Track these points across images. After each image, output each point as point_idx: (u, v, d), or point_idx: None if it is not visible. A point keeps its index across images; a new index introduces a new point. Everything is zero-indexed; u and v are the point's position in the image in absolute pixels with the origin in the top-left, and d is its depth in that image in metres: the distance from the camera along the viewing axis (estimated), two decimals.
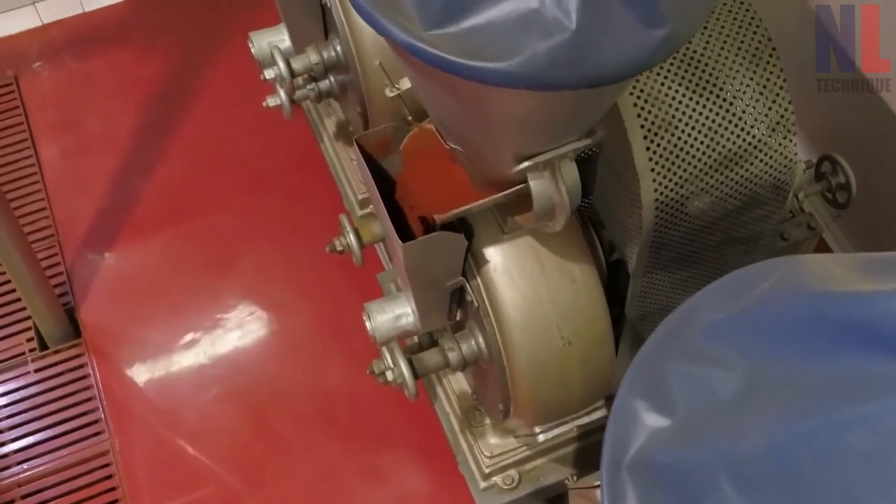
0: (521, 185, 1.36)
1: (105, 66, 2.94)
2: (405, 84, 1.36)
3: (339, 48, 1.92)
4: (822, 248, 2.22)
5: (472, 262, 1.56)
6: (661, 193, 1.44)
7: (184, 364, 2.43)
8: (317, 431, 2.31)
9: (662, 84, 1.41)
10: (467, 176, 1.45)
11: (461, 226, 1.53)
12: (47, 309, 2.39)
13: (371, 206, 2.24)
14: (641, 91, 1.40)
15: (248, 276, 2.56)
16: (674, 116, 1.42)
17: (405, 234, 1.46)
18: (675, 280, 1.64)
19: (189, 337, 2.47)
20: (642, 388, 0.86)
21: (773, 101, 1.46)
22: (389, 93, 1.35)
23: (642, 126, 1.40)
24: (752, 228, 1.58)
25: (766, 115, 1.46)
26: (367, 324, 1.71)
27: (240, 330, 2.48)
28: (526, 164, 1.28)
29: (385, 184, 1.54)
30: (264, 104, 2.13)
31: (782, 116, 1.47)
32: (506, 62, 1.01)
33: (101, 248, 2.61)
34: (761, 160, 1.48)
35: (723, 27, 1.45)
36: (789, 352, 0.79)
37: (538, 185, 1.33)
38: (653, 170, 1.42)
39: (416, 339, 2.00)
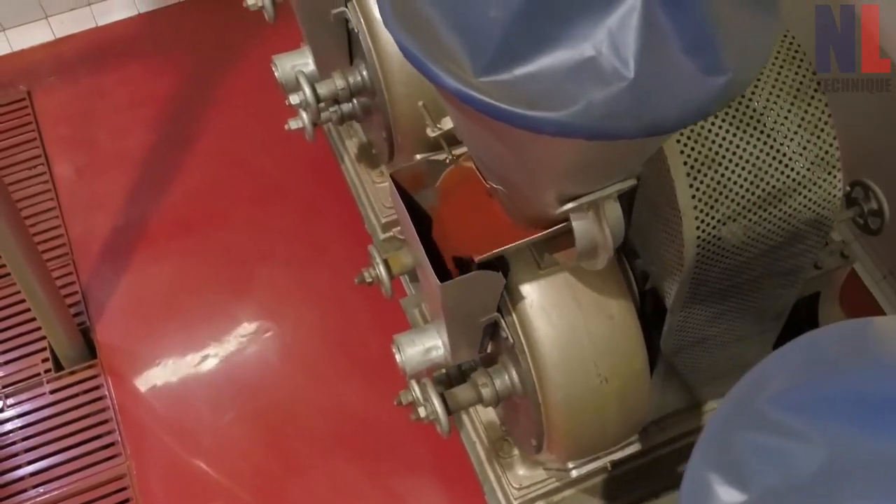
0: (563, 224, 1.34)
1: (118, 81, 2.91)
2: (447, 124, 1.34)
3: (365, 73, 1.89)
4: None
5: (508, 299, 1.53)
6: (703, 231, 1.42)
7: (200, 385, 2.40)
8: (335, 454, 2.28)
9: (705, 120, 1.38)
10: (506, 213, 1.43)
11: (497, 262, 1.50)
12: (62, 329, 2.36)
13: (395, 230, 2.21)
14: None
15: (264, 294, 2.53)
16: (717, 153, 1.39)
17: (443, 272, 1.43)
18: (711, 313, 1.62)
19: (205, 357, 2.43)
20: (714, 459, 0.84)
21: (817, 137, 1.43)
22: (431, 133, 1.32)
23: (685, 163, 1.38)
24: (793, 263, 1.56)
25: (809, 151, 1.44)
26: (397, 356, 1.68)
27: (256, 349, 2.45)
28: (570, 205, 1.25)
29: (418, 216, 1.51)
30: (286, 127, 2.09)
31: (826, 152, 1.44)
32: (562, 111, 0.98)
33: (116, 267, 2.57)
34: (804, 195, 1.45)
35: None
36: (874, 429, 0.77)
37: (581, 226, 1.30)
38: (695, 207, 1.40)
39: (443, 370, 1.96)
